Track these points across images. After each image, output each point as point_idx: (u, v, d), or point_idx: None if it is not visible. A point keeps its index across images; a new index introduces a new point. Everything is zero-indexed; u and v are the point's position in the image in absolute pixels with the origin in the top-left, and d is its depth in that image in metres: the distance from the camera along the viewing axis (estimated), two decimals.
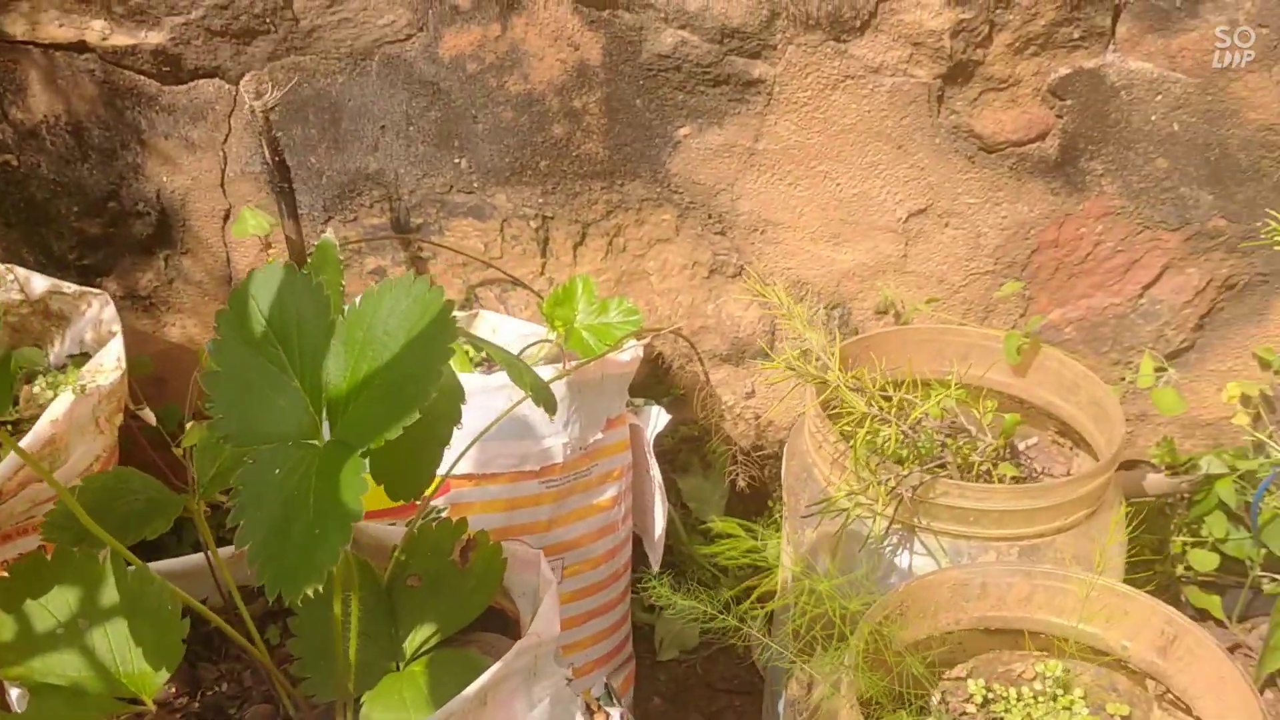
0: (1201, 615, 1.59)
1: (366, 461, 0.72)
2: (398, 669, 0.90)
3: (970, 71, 1.32)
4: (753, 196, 1.40)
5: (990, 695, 1.08)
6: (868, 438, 1.18)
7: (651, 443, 1.32)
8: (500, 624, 0.99)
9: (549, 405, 0.92)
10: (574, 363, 1.18)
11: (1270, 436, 1.45)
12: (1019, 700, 1.06)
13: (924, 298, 1.46)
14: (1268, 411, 1.52)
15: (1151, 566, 1.58)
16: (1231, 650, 1.59)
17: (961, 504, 1.12)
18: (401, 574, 0.98)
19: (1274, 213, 0.98)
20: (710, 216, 1.42)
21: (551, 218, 1.41)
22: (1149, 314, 1.47)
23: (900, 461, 1.20)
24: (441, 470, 1.14)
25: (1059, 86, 1.33)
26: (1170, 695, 1.03)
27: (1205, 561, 1.52)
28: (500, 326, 1.40)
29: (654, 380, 1.52)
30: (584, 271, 1.44)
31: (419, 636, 0.94)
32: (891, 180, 1.39)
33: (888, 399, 1.22)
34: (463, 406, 0.83)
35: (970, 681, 1.09)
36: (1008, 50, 1.31)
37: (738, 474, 1.45)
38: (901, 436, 1.16)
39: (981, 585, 1.06)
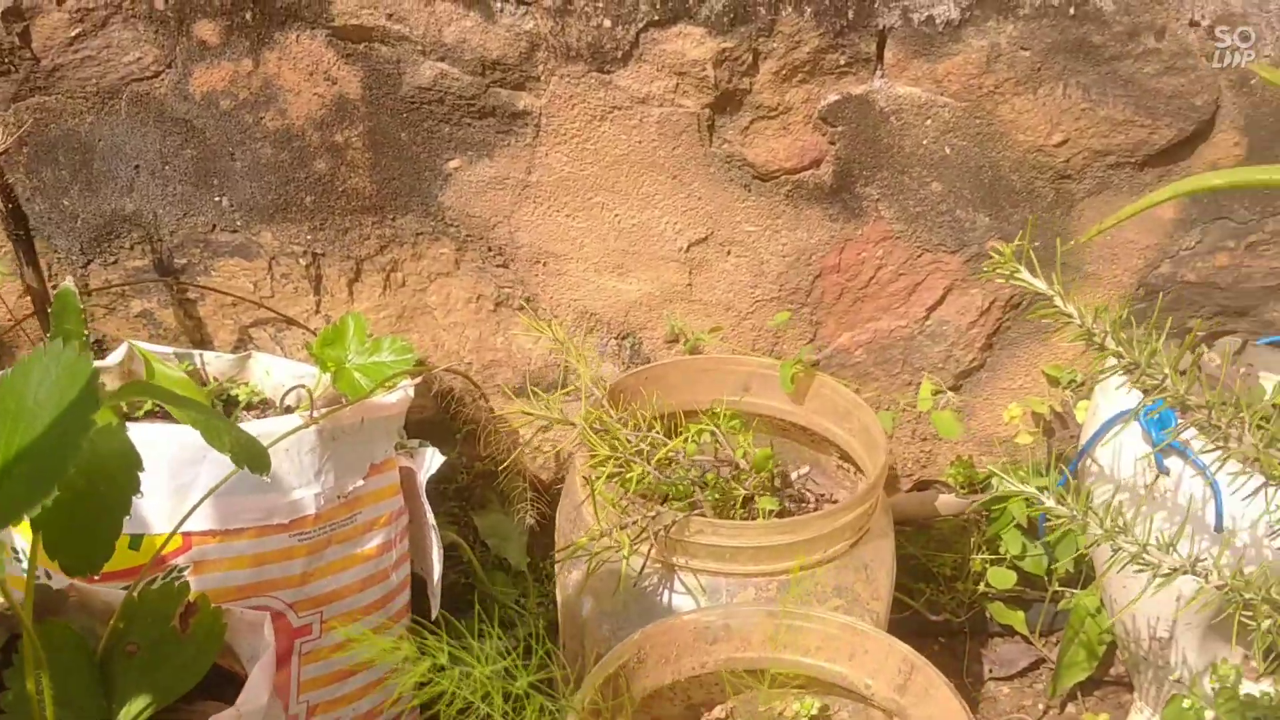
0: (1008, 631, 1.60)
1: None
2: None
3: (739, 100, 1.31)
4: (531, 229, 1.37)
5: None
6: (624, 477, 1.16)
7: (424, 485, 1.29)
8: (233, 689, 0.95)
9: (256, 464, 0.88)
10: (320, 411, 1.15)
11: (1057, 453, 1.47)
12: None
13: (712, 325, 1.45)
14: (1060, 427, 1.54)
15: (952, 584, 1.59)
16: (1036, 665, 1.60)
17: (716, 541, 1.11)
18: (120, 642, 0.93)
19: (998, 247, 0.98)
20: (490, 249, 1.39)
21: (322, 254, 1.37)
22: (936, 335, 1.48)
23: (664, 499, 1.19)
24: (166, 528, 1.11)
25: (829, 113, 1.33)
26: None
27: (1003, 579, 1.52)
28: (274, 368, 1.35)
29: (445, 417, 1.48)
30: (363, 308, 1.41)
31: (134, 708, 0.89)
32: (670, 210, 1.37)
33: (653, 434, 1.20)
34: (171, 465, 0.79)
35: None
36: (775, 78, 1.30)
37: (526, 510, 1.42)
38: (652, 475, 1.14)
39: (725, 627, 1.05)
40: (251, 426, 1.14)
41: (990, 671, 1.60)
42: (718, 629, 1.04)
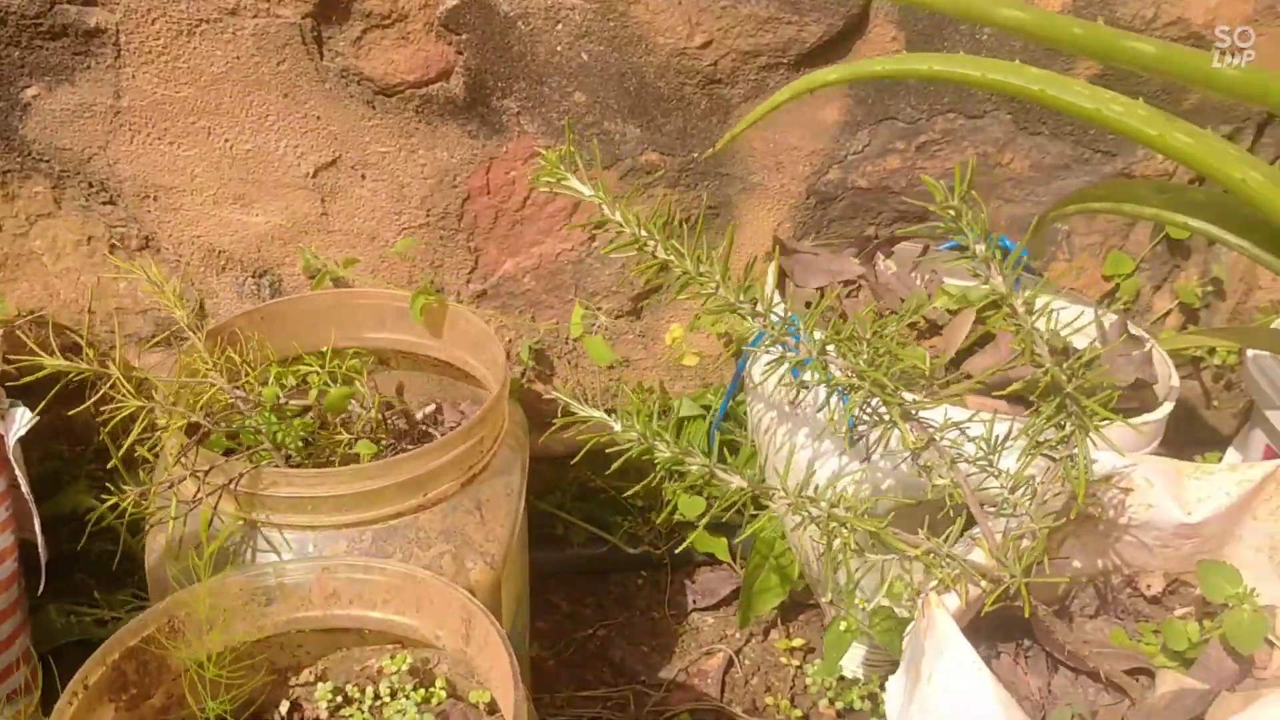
0: (713, 559, 1.55)
1: None
2: None
3: (345, 7, 1.19)
4: (132, 160, 1.24)
5: (341, 698, 0.98)
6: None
7: (13, 447, 1.17)
8: None
9: None
10: None
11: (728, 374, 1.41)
12: (376, 699, 0.97)
13: (358, 256, 1.34)
14: (740, 344, 1.47)
15: (647, 515, 1.53)
16: (739, 592, 1.55)
17: (294, 493, 1.01)
18: None
19: (543, 152, 0.89)
20: (91, 185, 1.25)
21: None
22: (606, 258, 1.40)
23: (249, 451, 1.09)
24: None
25: (451, 19, 1.22)
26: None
27: (693, 507, 1.46)
28: None
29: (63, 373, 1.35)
30: None
31: None
32: (288, 132, 1.25)
33: (236, 386, 1.10)
34: None
35: (319, 685, 1.00)
36: None
37: None
38: (207, 424, 1.04)
39: (279, 587, 0.95)
40: None
41: (694, 602, 1.54)
42: (271, 589, 0.95)
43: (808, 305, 1.28)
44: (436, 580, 0.92)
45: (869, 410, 0.89)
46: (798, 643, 1.45)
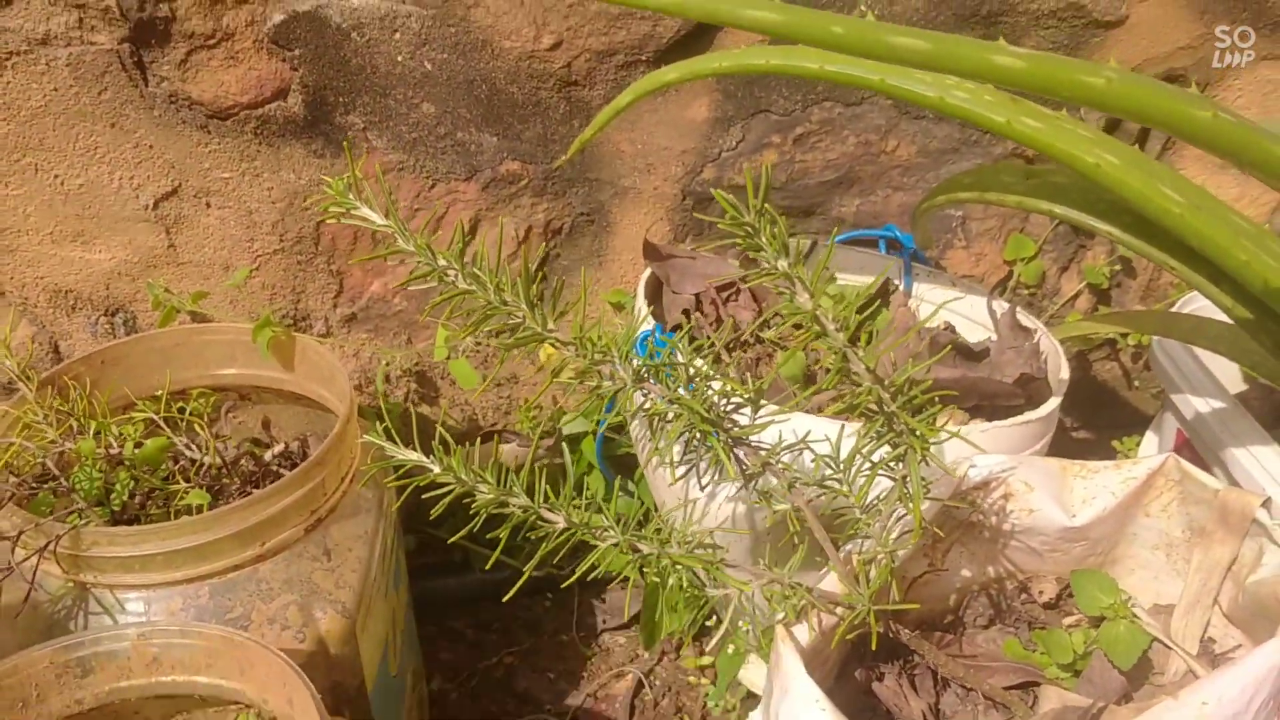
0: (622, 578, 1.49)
1: None
2: None
3: (164, 30, 1.13)
4: None
5: None
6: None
7: None
8: None
9: None
10: None
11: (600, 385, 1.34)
12: None
13: (212, 289, 1.27)
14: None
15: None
16: None
17: (117, 553, 0.95)
18: None
19: (328, 180, 0.83)
20: None
21: None
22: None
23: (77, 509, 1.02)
24: None
25: (280, 35, 1.15)
26: None
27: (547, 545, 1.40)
28: None
29: None
30: None
31: None
32: (120, 164, 1.19)
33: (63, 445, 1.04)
34: None
35: None
36: (202, 2, 1.12)
37: None
38: (12, 484, 0.98)
39: (93, 656, 0.89)
40: None
41: (604, 622, 1.48)
42: (87, 659, 0.89)
43: (685, 313, 1.22)
44: (254, 643, 0.86)
45: (692, 439, 0.83)
46: (706, 661, 1.40)
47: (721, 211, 0.71)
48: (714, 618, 1.43)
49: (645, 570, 0.82)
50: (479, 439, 1.44)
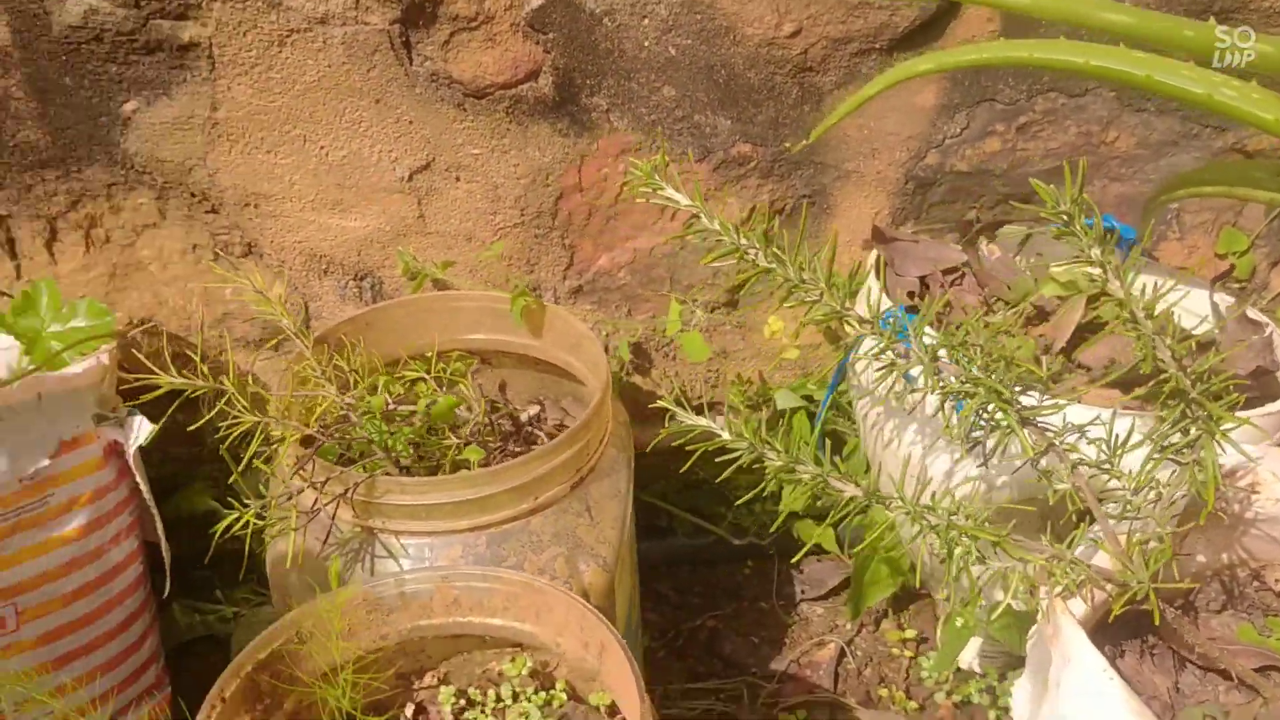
0: (819, 549, 1.54)
1: None
2: None
3: (431, 12, 1.19)
4: (231, 169, 1.26)
5: (464, 701, 1.00)
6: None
7: (134, 456, 1.20)
8: None
9: None
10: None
11: (832, 366, 1.39)
12: (497, 701, 0.98)
13: (446, 260, 1.34)
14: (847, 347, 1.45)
15: (752, 506, 1.52)
16: (848, 583, 1.54)
17: (406, 501, 1.03)
18: None
19: (635, 162, 0.89)
20: (193, 195, 1.28)
21: (8, 216, 1.26)
22: (699, 249, 1.38)
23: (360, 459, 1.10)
24: None
25: (536, 19, 1.21)
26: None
27: (797, 499, 1.45)
28: None
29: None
30: (69, 269, 1.30)
31: None
32: (380, 138, 1.26)
33: (350, 393, 1.11)
34: None
35: (443, 689, 1.01)
36: None
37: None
38: (319, 437, 1.05)
39: (399, 596, 0.97)
40: None
41: (802, 592, 1.53)
42: (392, 599, 0.96)
43: (910, 295, 1.26)
44: (555, 590, 0.93)
45: (985, 416, 0.87)
46: (910, 634, 1.44)
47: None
48: (914, 591, 1.47)
49: (933, 539, 0.86)
50: None
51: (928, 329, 0.93)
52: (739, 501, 1.47)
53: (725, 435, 0.91)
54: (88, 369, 1.16)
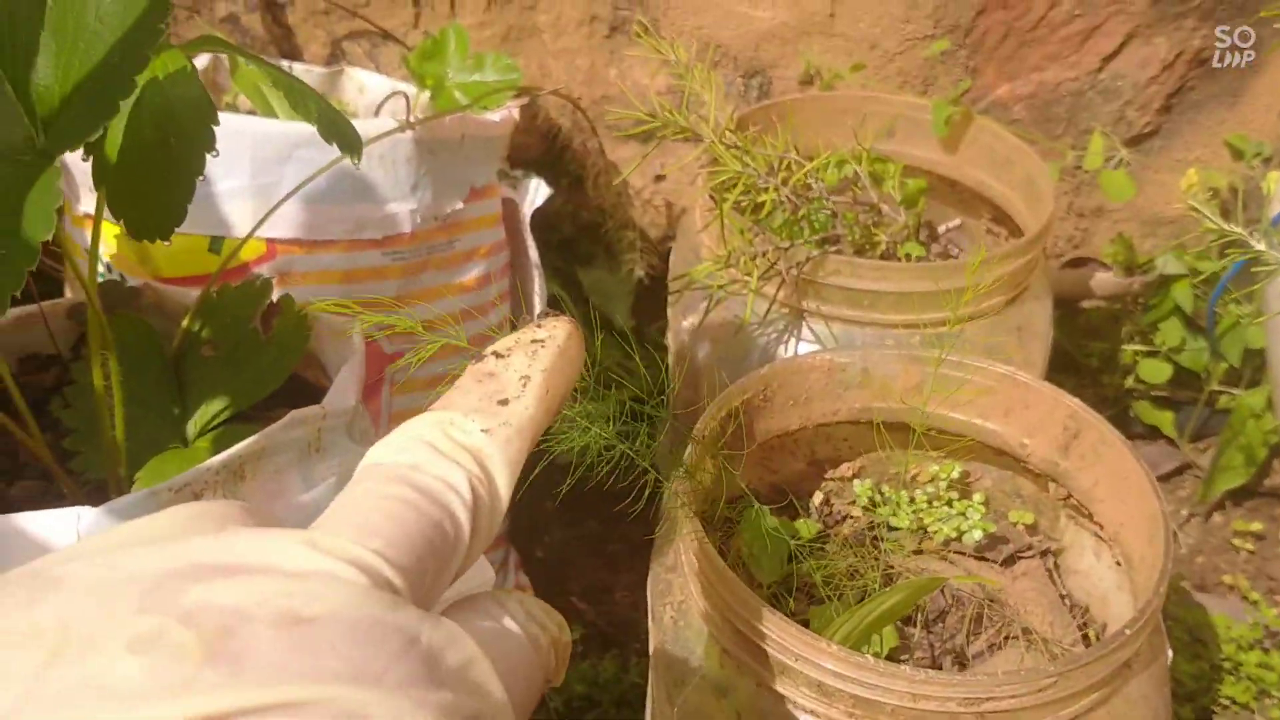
0: (1152, 433, 1.46)
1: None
2: (186, 445, 0.78)
3: None
4: None
5: (878, 498, 0.95)
6: (755, 201, 1.03)
7: (529, 219, 1.17)
8: (315, 400, 0.86)
9: (346, 142, 0.76)
10: (417, 117, 1.02)
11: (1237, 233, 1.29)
12: (911, 504, 0.94)
13: (854, 64, 1.28)
14: (1238, 207, 1.36)
15: (1098, 377, 1.45)
16: (1180, 470, 1.47)
17: (854, 284, 0.98)
18: (194, 344, 0.85)
19: None
20: None
21: None
22: (1109, 91, 1.30)
23: (791, 237, 1.05)
24: (243, 229, 1.01)
25: None
26: (1073, 500, 0.91)
27: (1157, 373, 1.38)
28: (368, 84, 1.23)
29: (549, 158, 1.35)
30: (466, 23, 1.27)
31: (209, 412, 0.81)
32: None
33: (791, 157, 1.06)
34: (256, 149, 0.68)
35: (856, 482, 0.97)
36: None
37: (635, 264, 1.30)
38: (785, 204, 1.00)
39: (862, 371, 0.92)
40: None
41: None
42: (854, 373, 0.92)
43: None
44: (1042, 384, 0.87)
45: None
46: (1256, 526, 1.36)
47: None
48: None
49: None
50: (1062, 264, 1.42)
51: None
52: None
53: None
54: (504, 118, 1.13)
